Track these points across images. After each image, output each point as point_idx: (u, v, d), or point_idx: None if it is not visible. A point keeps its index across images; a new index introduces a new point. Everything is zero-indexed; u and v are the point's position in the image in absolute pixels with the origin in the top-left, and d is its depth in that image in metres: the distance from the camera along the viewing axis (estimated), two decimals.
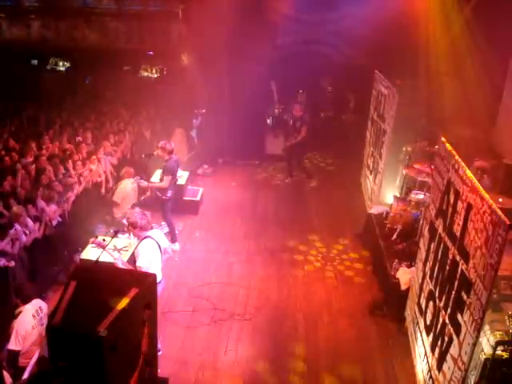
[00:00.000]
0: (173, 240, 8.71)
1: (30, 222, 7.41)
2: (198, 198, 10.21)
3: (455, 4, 10.03)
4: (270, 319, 7.08)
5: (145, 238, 5.90)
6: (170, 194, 8.51)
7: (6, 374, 4.98)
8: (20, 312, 5.53)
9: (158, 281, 5.56)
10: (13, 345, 5.39)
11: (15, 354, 5.42)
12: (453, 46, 9.80)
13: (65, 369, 3.77)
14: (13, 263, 6.75)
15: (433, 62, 10.49)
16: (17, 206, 7.35)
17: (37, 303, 5.70)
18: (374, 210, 9.26)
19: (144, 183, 8.71)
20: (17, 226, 7.08)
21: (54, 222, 7.91)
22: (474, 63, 9.26)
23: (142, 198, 9.19)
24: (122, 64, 15.78)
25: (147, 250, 5.79)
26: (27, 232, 7.24)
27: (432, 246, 5.92)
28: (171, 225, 8.79)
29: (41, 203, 7.76)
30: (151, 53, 15.33)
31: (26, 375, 5.28)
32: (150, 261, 5.77)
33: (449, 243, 5.29)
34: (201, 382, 5.98)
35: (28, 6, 14.99)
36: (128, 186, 9.12)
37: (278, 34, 12.40)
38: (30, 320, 5.50)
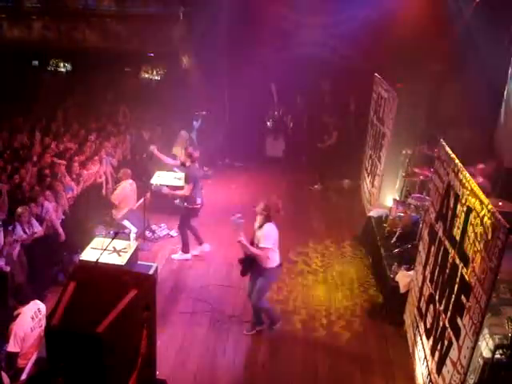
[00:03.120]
0: (184, 250, 8.60)
1: (35, 222, 7.43)
2: None
3: (456, 6, 10.05)
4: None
5: (266, 222, 6.26)
6: (199, 201, 8.30)
7: (3, 375, 4.98)
8: (18, 314, 5.52)
9: (278, 263, 6.41)
10: (12, 347, 5.39)
11: (14, 356, 5.42)
12: (453, 49, 9.81)
13: (63, 370, 3.76)
14: (8, 268, 6.76)
15: (433, 65, 10.51)
16: (21, 206, 7.38)
17: (35, 305, 5.68)
18: (374, 213, 9.26)
19: (165, 190, 8.54)
20: (18, 226, 7.10)
21: (57, 223, 7.91)
22: (474, 66, 9.26)
23: (142, 199, 9.18)
24: (122, 66, 15.80)
25: (271, 233, 6.24)
26: (28, 231, 7.25)
27: (432, 249, 5.92)
28: (185, 236, 8.54)
29: (44, 203, 7.77)
30: (152, 54, 15.35)
31: (24, 376, 5.28)
32: (273, 243, 6.23)
33: (449, 247, 5.29)
34: None
35: (29, 7, 15.01)
36: (127, 188, 9.11)
37: (277, 37, 12.42)
38: (29, 322, 5.49)
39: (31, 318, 5.52)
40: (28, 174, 8.68)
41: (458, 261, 4.97)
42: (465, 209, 4.90)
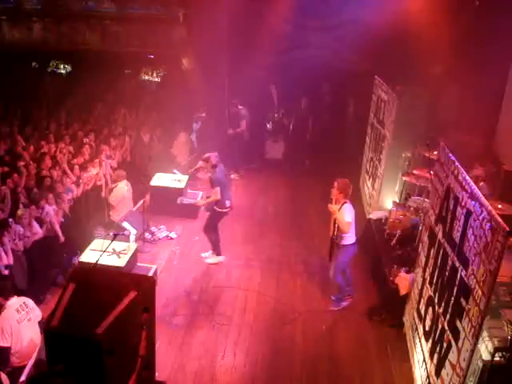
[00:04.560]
0: (217, 253, 8.55)
1: (35, 224, 7.43)
2: None
3: (455, 10, 10.05)
4: (268, 324, 7.07)
5: (344, 203, 6.94)
6: (228, 204, 8.26)
7: (3, 376, 4.99)
8: (4, 309, 5.55)
9: (355, 240, 7.09)
10: (0, 341, 5.41)
11: (5, 351, 5.45)
12: (453, 52, 9.81)
13: (62, 371, 3.76)
14: (6, 272, 6.76)
15: (433, 68, 10.51)
16: (22, 208, 7.38)
17: (20, 299, 5.73)
18: (373, 215, 9.25)
19: (200, 202, 8.67)
20: (18, 226, 7.11)
21: (57, 226, 7.91)
22: (474, 69, 9.26)
23: (142, 201, 9.17)
24: (122, 67, 15.80)
25: (349, 211, 6.92)
26: (28, 234, 7.25)
27: (432, 251, 5.92)
28: (215, 238, 8.50)
29: (45, 205, 7.77)
30: (152, 56, 15.36)
31: (23, 377, 5.28)
32: (352, 217, 6.90)
33: (448, 249, 5.30)
34: None
35: (29, 8, 15.02)
36: (123, 189, 9.10)
37: (278, 39, 12.42)
38: (14, 315, 5.53)
39: (16, 311, 5.57)
40: (22, 178, 8.63)
41: (457, 263, 4.97)
42: (464, 211, 4.91)
